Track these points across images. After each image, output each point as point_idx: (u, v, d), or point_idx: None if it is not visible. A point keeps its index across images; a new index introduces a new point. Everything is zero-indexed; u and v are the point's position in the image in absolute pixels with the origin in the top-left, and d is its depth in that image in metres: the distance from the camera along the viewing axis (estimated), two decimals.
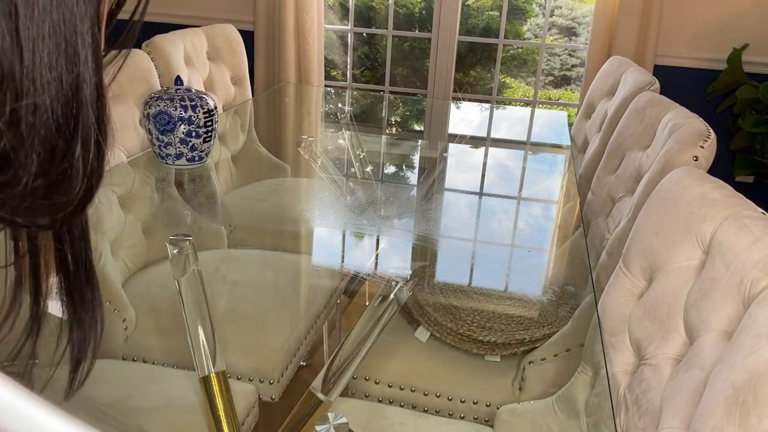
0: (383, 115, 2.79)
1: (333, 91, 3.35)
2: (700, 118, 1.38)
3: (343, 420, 0.70)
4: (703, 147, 1.28)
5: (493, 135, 2.56)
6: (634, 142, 1.60)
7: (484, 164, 2.19)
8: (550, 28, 5.08)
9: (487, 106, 3.08)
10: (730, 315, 0.85)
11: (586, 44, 3.03)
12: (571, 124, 2.53)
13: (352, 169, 2.05)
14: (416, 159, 2.28)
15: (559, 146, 2.37)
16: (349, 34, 3.59)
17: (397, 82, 4.82)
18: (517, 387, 1.24)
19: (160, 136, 1.67)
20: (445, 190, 1.93)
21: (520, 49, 5.25)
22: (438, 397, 1.25)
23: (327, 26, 3.34)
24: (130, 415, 1.05)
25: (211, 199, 1.74)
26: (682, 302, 0.95)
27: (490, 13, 5.05)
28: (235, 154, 2.08)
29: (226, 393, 0.87)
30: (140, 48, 2.08)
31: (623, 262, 1.12)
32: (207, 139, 1.72)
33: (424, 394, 1.25)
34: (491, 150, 2.38)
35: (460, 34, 3.21)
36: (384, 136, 2.49)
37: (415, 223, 1.60)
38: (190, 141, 1.69)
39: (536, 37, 5.19)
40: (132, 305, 1.31)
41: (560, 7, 5.13)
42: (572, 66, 5.23)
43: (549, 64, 5.22)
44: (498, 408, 1.20)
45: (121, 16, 0.40)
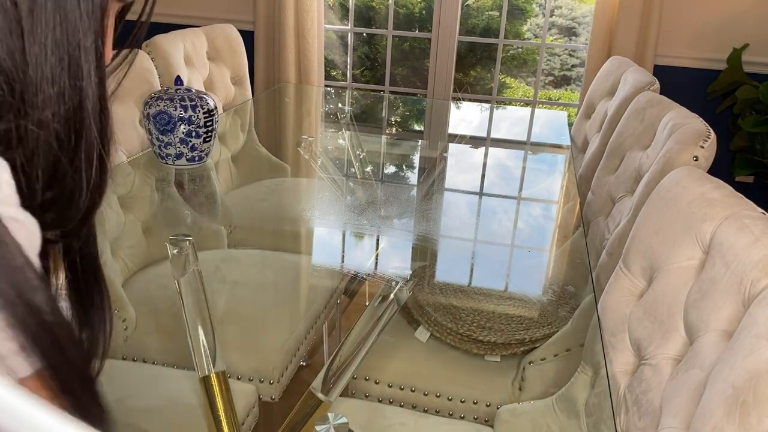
0: (383, 115, 2.79)
1: (333, 91, 3.35)
2: (700, 118, 1.38)
3: (343, 420, 0.70)
4: (703, 147, 1.27)
5: (493, 135, 2.56)
6: (634, 142, 1.60)
7: (484, 164, 2.19)
8: (550, 28, 5.08)
9: (487, 106, 3.08)
10: (730, 315, 0.85)
11: (586, 44, 3.03)
12: (571, 124, 2.53)
13: (352, 169, 2.05)
14: (416, 159, 2.28)
15: (559, 146, 2.37)
16: (349, 34, 3.59)
17: (397, 82, 4.82)
18: (517, 387, 1.24)
19: (160, 136, 1.67)
20: (445, 190, 1.93)
21: (520, 49, 5.25)
22: (438, 397, 1.25)
23: (327, 26, 3.34)
24: (130, 415, 1.05)
25: (211, 199, 1.74)
26: (682, 302, 0.95)
27: (490, 13, 5.05)
28: (235, 154, 2.08)
29: (226, 393, 0.87)
30: (140, 48, 2.08)
31: (623, 262, 1.12)
32: (207, 139, 1.72)
33: (424, 394, 1.25)
34: (491, 150, 2.37)
35: (460, 34, 3.21)
36: (384, 136, 2.49)
37: (415, 223, 1.60)
38: (190, 141, 1.69)
39: (536, 37, 5.19)
40: (132, 305, 1.31)
41: (560, 7, 5.12)
42: (572, 66, 5.22)
43: (549, 64, 5.22)
44: (498, 408, 1.20)
45: (127, 17, 0.40)
